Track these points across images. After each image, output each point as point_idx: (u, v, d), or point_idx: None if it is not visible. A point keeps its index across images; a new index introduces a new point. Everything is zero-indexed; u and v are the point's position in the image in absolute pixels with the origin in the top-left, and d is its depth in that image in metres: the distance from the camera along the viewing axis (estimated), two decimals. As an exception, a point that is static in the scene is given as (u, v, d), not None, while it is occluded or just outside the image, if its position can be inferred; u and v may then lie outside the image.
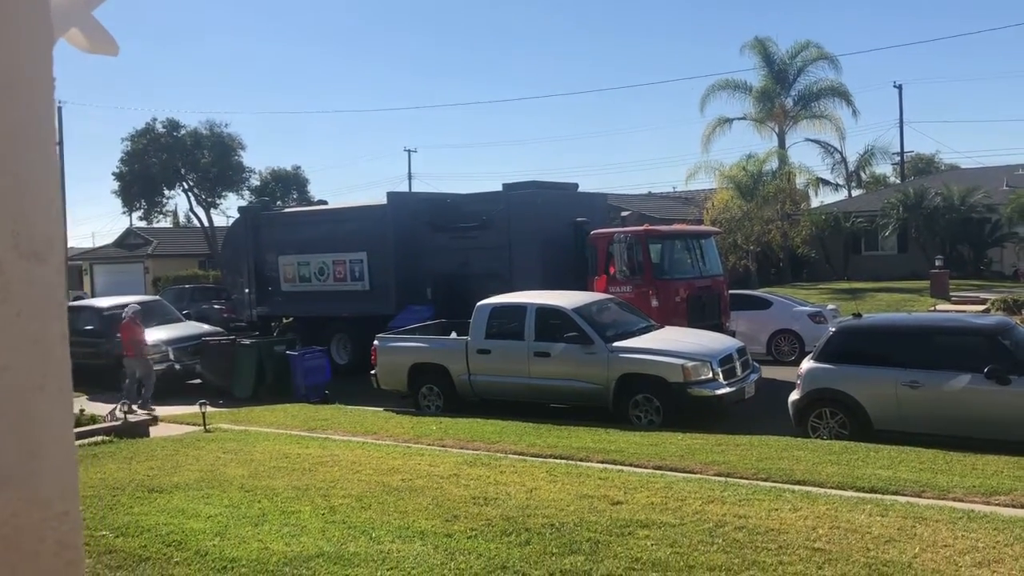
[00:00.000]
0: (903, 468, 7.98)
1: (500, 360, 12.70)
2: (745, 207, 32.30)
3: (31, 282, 1.17)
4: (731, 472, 8.02)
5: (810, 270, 36.94)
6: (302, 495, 7.36)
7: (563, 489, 7.28)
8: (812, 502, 6.70)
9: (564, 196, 18.36)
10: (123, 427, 11.57)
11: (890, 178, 50.72)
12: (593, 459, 8.86)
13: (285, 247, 19.69)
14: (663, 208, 40.91)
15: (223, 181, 44.79)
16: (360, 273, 18.50)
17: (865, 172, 48.43)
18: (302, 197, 49.55)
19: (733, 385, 11.54)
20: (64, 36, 1.58)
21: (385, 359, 13.87)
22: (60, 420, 1.22)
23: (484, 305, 13.21)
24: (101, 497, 7.55)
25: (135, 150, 43.06)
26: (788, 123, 38.61)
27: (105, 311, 18.48)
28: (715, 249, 17.26)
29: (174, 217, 56.63)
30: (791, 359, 16.26)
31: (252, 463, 8.91)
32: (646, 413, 11.48)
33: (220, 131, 44.30)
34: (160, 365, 16.95)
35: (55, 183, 1.21)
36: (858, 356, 10.22)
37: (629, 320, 13.06)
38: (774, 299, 18.52)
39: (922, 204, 33.48)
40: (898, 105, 74.64)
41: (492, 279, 16.11)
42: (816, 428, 10.23)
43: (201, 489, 7.77)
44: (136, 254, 48.39)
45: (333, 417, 12.59)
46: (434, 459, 8.89)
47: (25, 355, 1.16)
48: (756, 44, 38.26)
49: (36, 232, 1.16)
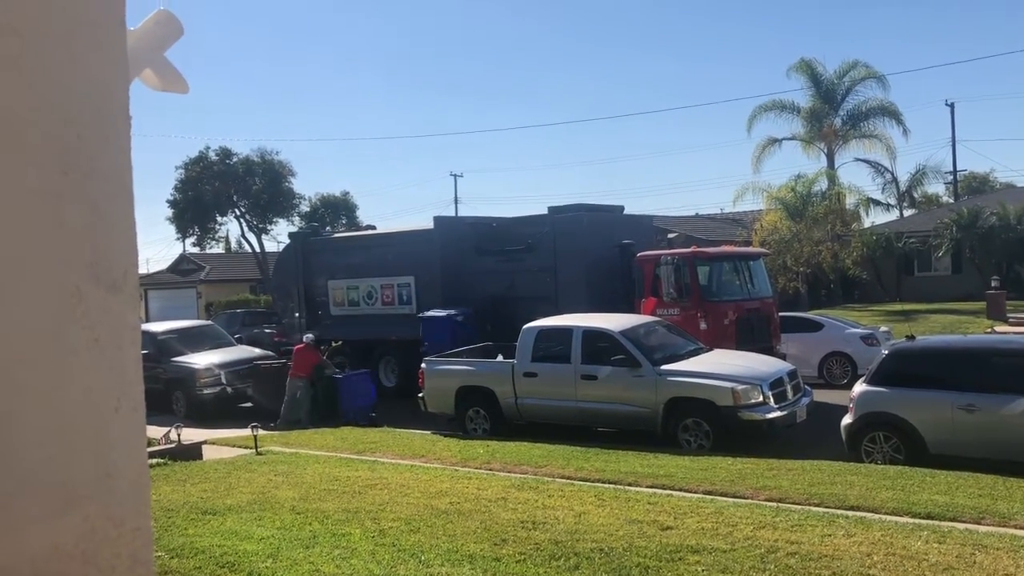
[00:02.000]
0: (961, 494, 7.80)
1: (547, 383, 12.69)
2: (794, 228, 31.95)
3: (108, 310, 1.24)
4: (783, 497, 7.91)
5: (861, 292, 36.34)
6: (352, 518, 7.41)
7: (612, 514, 7.24)
8: (867, 528, 6.58)
9: (610, 218, 18.37)
10: (177, 449, 11.78)
11: (943, 197, 49.76)
12: (642, 483, 8.80)
13: (334, 271, 19.96)
14: (711, 229, 40.60)
15: (274, 207, 45.58)
16: (408, 297, 18.66)
17: (917, 192, 47.56)
18: (351, 222, 50.17)
19: (784, 409, 11.38)
20: (139, 76, 1.67)
21: (432, 382, 13.94)
22: (134, 440, 1.28)
23: (530, 328, 13.23)
24: (156, 518, 7.68)
25: (189, 177, 44.02)
26: (837, 143, 38.17)
27: (159, 336, 18.86)
28: (764, 270, 17.09)
29: (226, 243, 57.71)
30: (843, 382, 16.00)
31: (303, 486, 9.01)
32: (695, 437, 11.37)
33: (271, 158, 45.15)
34: (213, 388, 17.27)
35: (131, 215, 1.28)
36: (912, 379, 10.04)
37: (677, 343, 12.97)
38: (825, 321, 18.27)
39: (977, 223, 32.79)
40: (950, 123, 73.19)
41: (538, 302, 16.12)
42: (870, 452, 10.05)
43: (253, 511, 7.87)
44: (189, 279, 49.34)
45: (381, 440, 12.68)
46: (482, 482, 8.90)
47: (103, 379, 1.23)
48: (803, 65, 37.99)
49: (113, 263, 1.23)
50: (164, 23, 1.72)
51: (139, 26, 1.70)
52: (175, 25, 1.73)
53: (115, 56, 1.25)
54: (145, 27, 1.71)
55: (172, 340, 18.75)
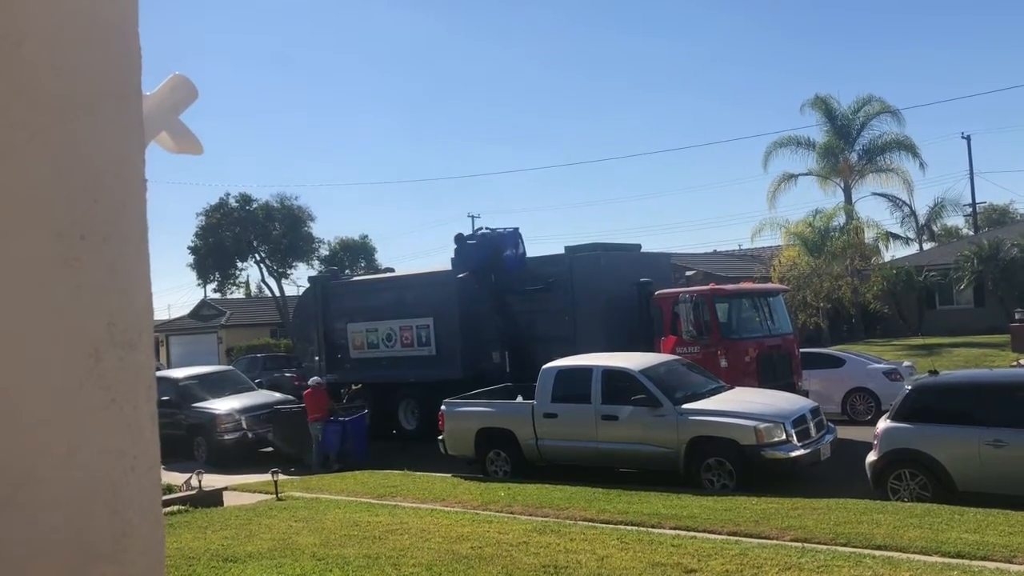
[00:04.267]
0: (991, 532, 7.65)
1: (567, 424, 12.62)
2: (813, 263, 31.83)
3: (124, 368, 1.26)
4: (808, 537, 7.79)
5: (883, 326, 36.03)
6: (372, 564, 7.37)
7: (635, 557, 7.16)
8: (895, 568, 6.47)
9: (627, 257, 18.38)
10: (198, 496, 11.78)
11: (963, 230, 49.52)
12: (665, 525, 8.70)
13: (354, 314, 20.03)
14: (729, 266, 40.48)
15: (294, 252, 45.98)
16: (427, 338, 18.68)
17: (936, 225, 47.36)
18: (370, 265, 50.52)
19: (808, 447, 11.25)
20: (155, 139, 1.72)
21: (452, 424, 13.90)
22: (150, 499, 1.29)
23: (550, 368, 13.19)
24: (178, 567, 7.67)
25: (209, 224, 44.54)
26: (854, 178, 38.16)
27: (180, 382, 18.96)
28: (784, 307, 17.00)
29: (246, 288, 58.20)
30: (867, 418, 15.80)
31: (323, 531, 8.98)
32: (719, 477, 11.24)
33: (290, 203, 45.67)
34: (234, 434, 17.30)
35: (147, 276, 1.31)
36: (937, 414, 9.90)
37: (698, 381, 12.89)
38: (847, 357, 18.11)
39: (998, 255, 32.53)
40: (967, 156, 72.88)
41: (557, 342, 16.07)
42: (896, 490, 9.89)
43: (274, 558, 7.84)
44: (210, 325, 49.71)
45: (402, 484, 12.63)
46: (503, 526, 8.83)
47: (119, 438, 1.24)
48: (817, 102, 38.14)
49: (130, 323, 1.25)
50: (179, 88, 1.77)
51: (154, 91, 1.75)
52: (190, 89, 1.78)
53: (132, 123, 1.29)
54: (160, 92, 1.76)
55: (193, 386, 18.85)
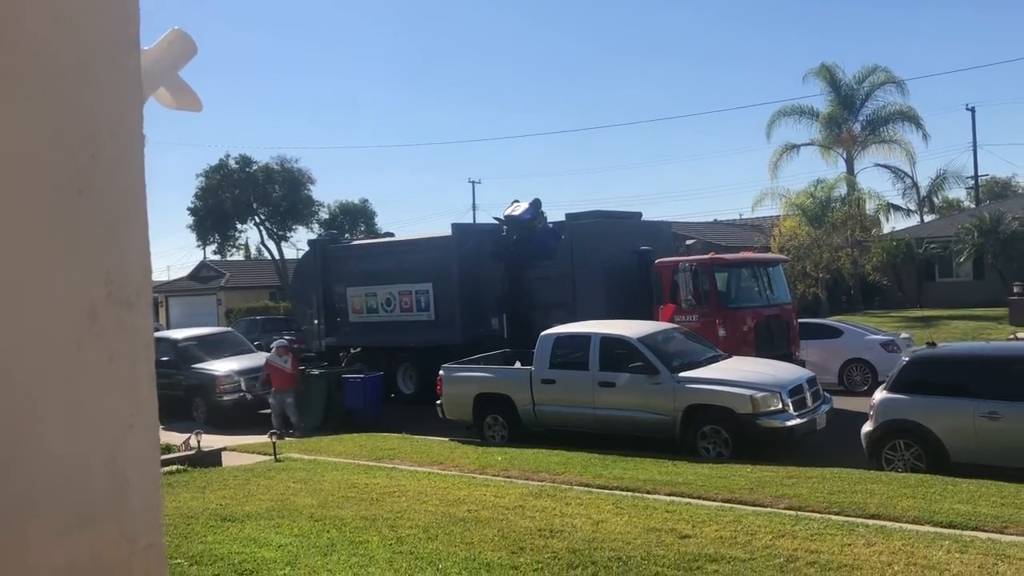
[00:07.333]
0: (983, 503, 7.71)
1: (564, 390, 12.67)
2: (813, 234, 31.78)
3: (122, 327, 1.25)
4: (802, 506, 7.85)
5: (882, 298, 36.07)
6: (370, 525, 7.43)
7: (630, 522, 7.22)
8: (887, 537, 6.52)
9: (628, 225, 18.34)
10: (197, 456, 11.85)
11: (964, 202, 49.37)
12: (660, 491, 8.76)
13: (353, 278, 20.01)
14: (729, 236, 40.44)
15: (293, 215, 45.85)
16: (426, 303, 18.68)
17: (938, 197, 47.21)
18: (370, 229, 50.40)
19: (804, 416, 11.30)
20: (153, 95, 1.69)
21: (450, 389, 13.95)
22: (148, 458, 1.29)
23: (548, 335, 13.22)
24: (176, 526, 7.73)
25: (209, 185, 44.36)
26: (856, 148, 37.99)
27: (180, 343, 18.99)
28: (783, 277, 16.99)
29: (246, 250, 58.12)
30: (863, 389, 15.87)
31: (321, 493, 9.04)
32: (714, 445, 11.31)
33: (291, 166, 45.47)
34: (232, 395, 17.37)
35: (145, 233, 1.30)
36: (933, 386, 9.94)
37: (696, 350, 12.91)
38: (845, 327, 18.13)
39: (999, 228, 32.46)
40: (971, 128, 72.44)
41: (556, 308, 16.11)
42: (890, 460, 9.95)
43: (272, 518, 7.90)
44: (209, 286, 49.71)
45: (400, 447, 12.70)
46: (499, 490, 8.89)
47: (116, 396, 1.24)
48: (822, 70, 37.86)
49: (127, 280, 1.24)
50: (178, 42, 1.74)
51: (153, 46, 1.72)
52: (189, 44, 1.75)
53: (129, 77, 1.27)
54: (159, 47, 1.73)
55: (192, 347, 18.90)
